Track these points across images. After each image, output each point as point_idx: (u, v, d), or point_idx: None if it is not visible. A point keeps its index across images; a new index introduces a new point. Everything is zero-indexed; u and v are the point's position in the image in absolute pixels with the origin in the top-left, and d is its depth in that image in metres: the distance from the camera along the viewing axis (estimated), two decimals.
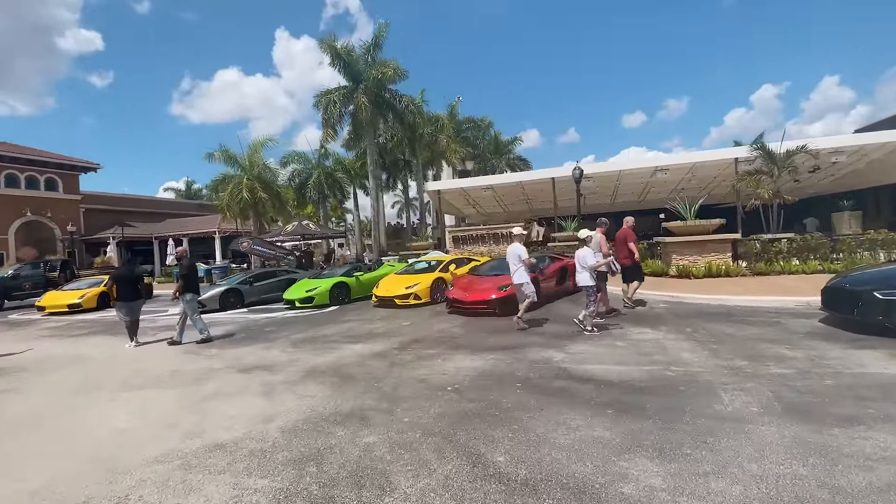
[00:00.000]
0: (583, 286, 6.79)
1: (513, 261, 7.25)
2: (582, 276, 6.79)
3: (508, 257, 7.40)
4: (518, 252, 7.20)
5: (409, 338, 7.25)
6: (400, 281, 11.22)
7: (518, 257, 7.17)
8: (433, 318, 8.93)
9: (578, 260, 6.81)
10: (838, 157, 15.51)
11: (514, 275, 7.24)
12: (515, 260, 7.20)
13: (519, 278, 7.20)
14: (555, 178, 18.94)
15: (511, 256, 7.31)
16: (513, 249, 7.30)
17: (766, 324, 6.58)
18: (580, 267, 6.78)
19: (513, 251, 7.30)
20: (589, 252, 6.83)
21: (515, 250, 7.25)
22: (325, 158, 29.29)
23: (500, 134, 37.39)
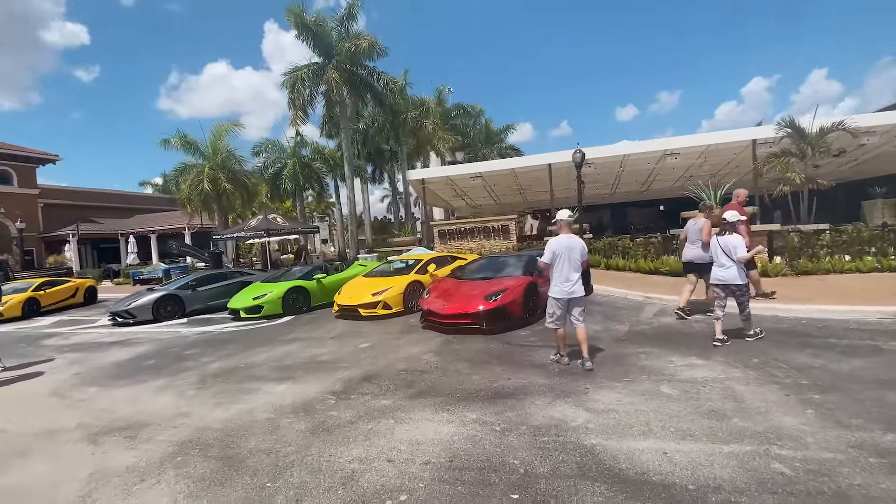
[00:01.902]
0: (731, 285, 5.22)
1: (569, 263, 4.69)
2: (729, 271, 5.21)
3: (561, 254, 4.68)
4: (576, 245, 4.73)
5: (361, 372, 5.20)
6: (367, 285, 9.14)
7: (580, 252, 4.75)
8: (402, 337, 6.87)
9: (724, 250, 5.22)
10: (870, 138, 13.63)
11: (573, 285, 4.68)
12: (570, 263, 4.72)
13: (577, 290, 4.73)
14: (552, 164, 16.92)
15: (566, 251, 4.70)
16: (570, 244, 4.73)
17: (859, 349, 4.63)
18: (726, 260, 5.22)
19: (570, 245, 4.73)
20: (739, 240, 5.19)
21: (573, 244, 4.73)
22: (301, 147, 26.91)
23: (490, 122, 35.31)
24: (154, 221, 32.66)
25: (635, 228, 22.54)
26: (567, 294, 4.66)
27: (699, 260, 6.45)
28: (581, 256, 4.69)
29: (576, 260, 4.66)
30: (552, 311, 4.81)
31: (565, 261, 4.65)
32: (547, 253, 4.76)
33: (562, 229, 4.81)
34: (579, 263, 4.70)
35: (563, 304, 4.71)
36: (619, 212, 28.66)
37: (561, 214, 4.93)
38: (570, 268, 4.66)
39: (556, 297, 4.73)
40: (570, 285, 4.65)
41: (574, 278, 4.66)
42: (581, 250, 4.70)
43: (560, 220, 4.86)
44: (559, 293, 4.70)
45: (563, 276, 4.66)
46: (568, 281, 4.65)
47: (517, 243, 17.42)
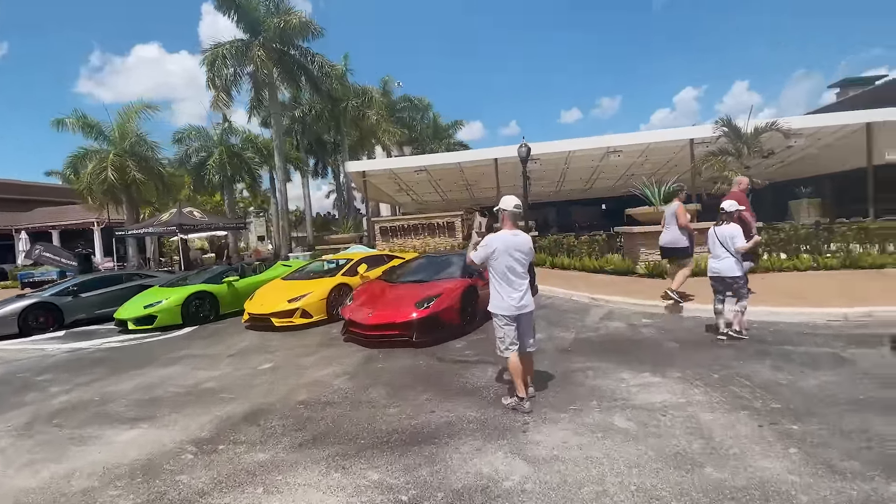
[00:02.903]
0: (725, 277, 4.95)
1: (515, 266, 3.56)
2: (723, 262, 4.96)
3: (503, 254, 3.55)
4: (523, 243, 3.65)
5: (247, 406, 4.07)
6: (284, 290, 7.90)
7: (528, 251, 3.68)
8: (316, 353, 5.77)
9: (720, 240, 4.96)
10: (797, 140, 14.19)
11: (524, 296, 3.59)
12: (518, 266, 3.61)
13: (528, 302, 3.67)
14: (498, 158, 16.32)
15: (509, 251, 3.59)
16: (515, 241, 3.62)
17: (820, 358, 4.18)
18: (721, 251, 4.96)
19: (516, 244, 3.62)
20: (737, 230, 4.93)
21: (519, 242, 3.65)
22: (229, 134, 24.52)
23: (439, 116, 34.44)
24: (56, 216, 28.79)
25: (579, 226, 22.61)
26: (517, 309, 3.48)
27: (671, 244, 6.47)
28: (528, 256, 3.57)
29: (522, 261, 3.53)
30: (504, 335, 3.52)
31: (511, 264, 3.47)
32: (481, 251, 3.53)
33: (505, 222, 3.62)
34: (527, 266, 3.60)
35: (513, 321, 3.52)
36: (565, 210, 28.89)
37: (505, 202, 3.62)
38: (518, 273, 3.51)
39: (505, 314, 3.50)
40: (519, 296, 3.48)
41: (523, 287, 3.53)
42: (528, 249, 3.58)
43: (503, 209, 3.62)
44: (507, 308, 3.47)
45: (508, 285, 3.49)
46: (517, 290, 3.49)
47: (464, 241, 16.70)
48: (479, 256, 3.61)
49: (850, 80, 28.39)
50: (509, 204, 3.64)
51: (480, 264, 3.68)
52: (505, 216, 3.65)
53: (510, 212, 3.63)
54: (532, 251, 3.66)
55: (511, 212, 3.63)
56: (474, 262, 3.66)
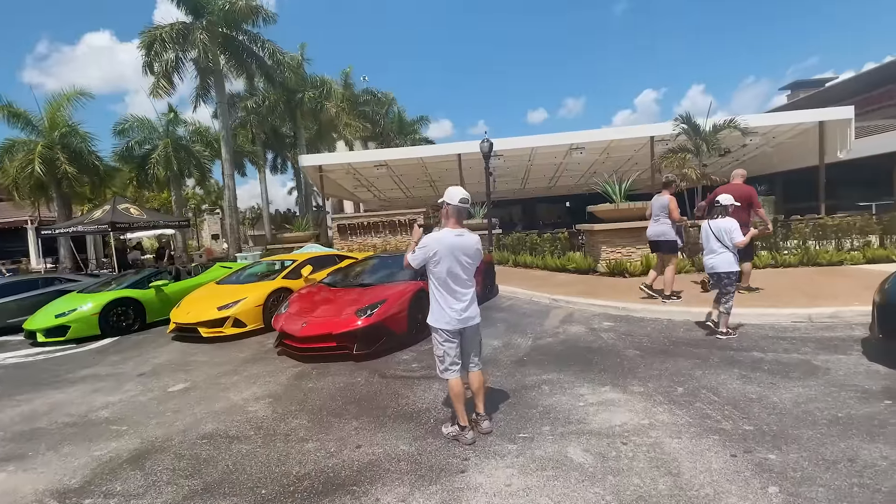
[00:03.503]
0: (720, 272, 4.75)
1: (458, 272, 2.99)
2: (719, 258, 4.77)
3: (445, 258, 2.95)
4: (469, 244, 3.04)
5: (137, 442, 3.35)
6: (216, 296, 7.07)
7: (474, 253, 3.07)
8: (241, 370, 5.05)
9: (715, 234, 4.79)
10: (753, 138, 14.42)
11: (468, 306, 3.04)
12: (461, 272, 3.02)
13: (473, 314, 3.10)
14: (461, 154, 15.81)
15: (452, 253, 2.98)
16: (460, 243, 3.02)
17: (790, 366, 3.87)
18: (716, 245, 4.78)
19: (461, 245, 3.02)
20: (734, 224, 4.77)
21: (465, 243, 3.04)
22: (175, 125, 22.85)
23: (404, 111, 33.68)
24: None
25: (543, 224, 22.53)
26: (460, 322, 2.94)
27: (658, 237, 6.39)
28: (475, 259, 3.01)
29: (468, 267, 2.97)
30: (444, 353, 2.98)
31: (454, 269, 2.91)
32: (419, 252, 2.94)
33: (447, 219, 2.99)
34: (473, 271, 3.04)
35: (456, 337, 2.99)
36: (530, 207, 28.84)
37: (449, 195, 2.99)
38: (461, 280, 2.95)
39: (447, 329, 2.95)
40: (463, 306, 2.94)
41: (468, 296, 2.98)
42: (476, 252, 3.01)
43: (447, 203, 2.98)
44: (448, 322, 2.93)
45: (450, 294, 2.93)
46: (460, 300, 2.94)
47: None
48: (416, 259, 2.98)
49: (801, 83, 29.70)
50: (454, 197, 2.97)
51: (418, 268, 3.06)
52: (448, 211, 3.00)
53: (454, 206, 2.97)
54: (479, 253, 3.05)
55: (455, 207, 2.97)
56: (411, 265, 3.05)
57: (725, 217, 4.86)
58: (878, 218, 8.89)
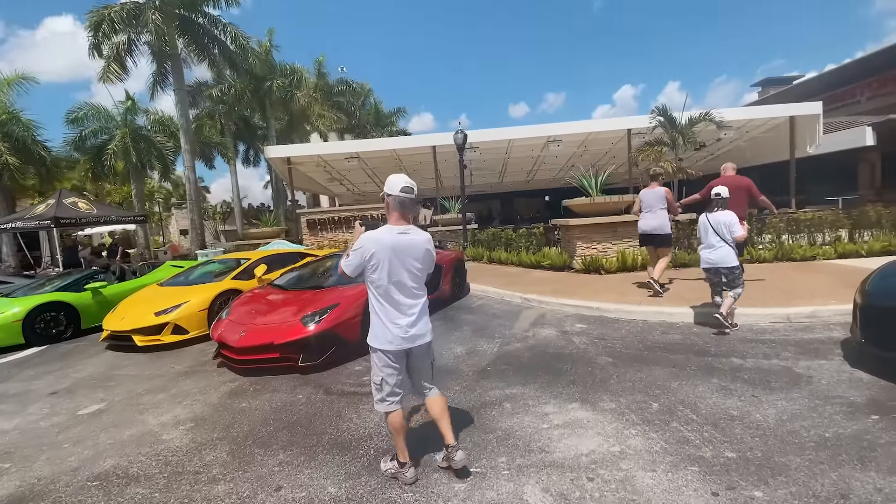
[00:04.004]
0: (721, 268, 4.68)
1: (404, 279, 2.42)
2: (719, 252, 4.66)
3: (384, 261, 2.38)
4: (417, 245, 2.47)
5: (16, 486, 2.77)
6: (156, 299, 6.42)
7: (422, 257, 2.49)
8: (171, 385, 4.48)
9: (714, 228, 4.67)
10: (727, 132, 14.39)
11: (416, 321, 2.45)
12: (408, 279, 2.45)
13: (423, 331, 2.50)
14: (436, 146, 15.28)
15: (394, 257, 2.41)
16: (406, 243, 2.44)
17: (772, 374, 3.55)
18: (715, 240, 4.67)
19: (408, 246, 2.44)
20: (733, 217, 4.66)
21: (412, 243, 2.46)
22: (134, 114, 21.54)
23: (380, 102, 32.90)
24: None
25: (521, 218, 22.26)
26: (406, 340, 2.37)
27: (656, 230, 6.22)
28: (425, 265, 2.44)
29: (416, 273, 2.40)
30: (382, 380, 2.42)
31: (398, 275, 2.35)
32: (353, 257, 2.36)
33: (390, 214, 2.44)
34: (423, 279, 2.47)
35: (400, 360, 2.44)
36: (508, 201, 28.57)
37: (390, 184, 2.42)
38: (408, 289, 2.39)
39: (386, 350, 2.38)
40: (409, 321, 2.38)
41: (416, 308, 2.41)
42: (426, 255, 2.43)
43: (387, 194, 2.43)
44: (391, 341, 2.36)
45: (394, 307, 2.37)
46: (406, 314, 2.38)
47: None
48: (350, 265, 2.37)
49: (771, 80, 30.19)
50: (394, 186, 2.38)
51: (354, 275, 2.42)
52: (389, 204, 2.41)
53: (396, 198, 2.37)
54: (430, 256, 2.48)
55: (397, 198, 2.36)
56: (345, 272, 2.40)
57: (724, 210, 4.70)
58: (847, 213, 8.82)
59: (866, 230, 8.64)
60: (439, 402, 2.55)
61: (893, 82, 18.63)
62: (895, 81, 18.62)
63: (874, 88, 19.53)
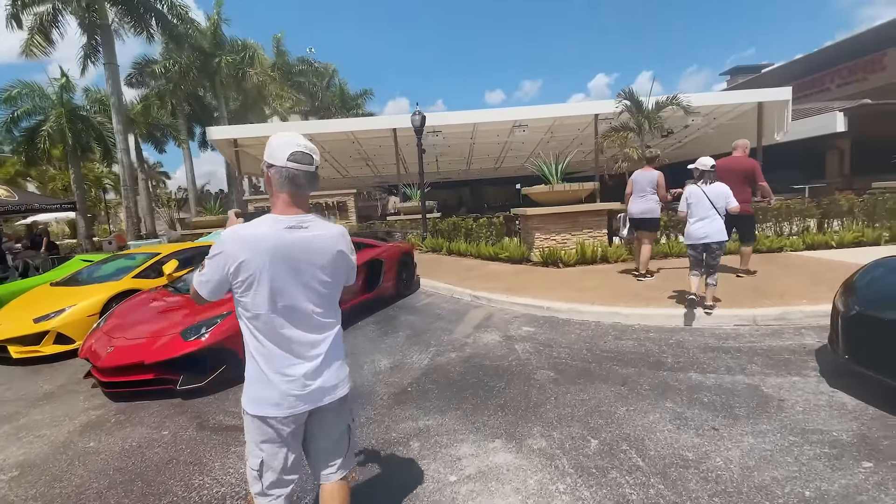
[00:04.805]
0: (712, 242, 4.43)
1: (298, 302, 1.48)
2: (715, 224, 4.45)
3: (262, 273, 1.41)
4: (326, 249, 1.52)
5: None
6: (42, 302, 5.45)
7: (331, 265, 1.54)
8: (21, 413, 3.60)
9: (711, 199, 4.48)
10: (695, 118, 14.00)
11: (317, 366, 1.51)
12: (305, 301, 1.50)
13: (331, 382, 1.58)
14: (396, 128, 14.37)
15: (276, 267, 1.44)
16: (297, 246, 1.46)
17: (736, 395, 2.98)
18: (710, 212, 4.46)
19: (302, 250, 1.48)
20: (728, 189, 4.57)
21: (307, 246, 1.48)
22: (71, 93, 19.60)
23: (346, 83, 31.46)
24: None
25: (490, 206, 21.62)
26: (303, 400, 1.48)
27: (645, 214, 6.10)
28: (338, 275, 1.56)
29: (322, 290, 1.51)
30: (260, 464, 1.51)
31: (287, 295, 1.44)
32: (209, 270, 1.43)
33: (276, 197, 1.49)
34: (333, 297, 1.58)
35: (294, 429, 1.52)
36: (478, 189, 27.88)
37: (274, 148, 1.47)
38: (304, 316, 1.48)
39: (270, 418, 1.46)
40: (310, 369, 1.48)
41: (320, 347, 1.51)
42: (335, 259, 1.52)
43: (270, 164, 1.47)
44: (277, 403, 1.45)
45: (282, 346, 1.46)
46: (302, 358, 1.48)
47: (358, 224, 14.72)
48: (204, 282, 1.44)
49: (740, 69, 30.28)
50: (280, 153, 1.44)
51: (213, 297, 1.47)
52: (272, 179, 1.46)
53: (282, 171, 1.44)
54: (347, 262, 1.59)
55: (284, 171, 1.43)
56: (199, 294, 1.48)
57: (716, 181, 4.59)
58: (817, 202, 8.48)
59: (836, 219, 8.33)
60: (339, 496, 1.64)
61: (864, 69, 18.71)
62: (866, 68, 18.71)
63: (844, 76, 19.61)
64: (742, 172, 5.85)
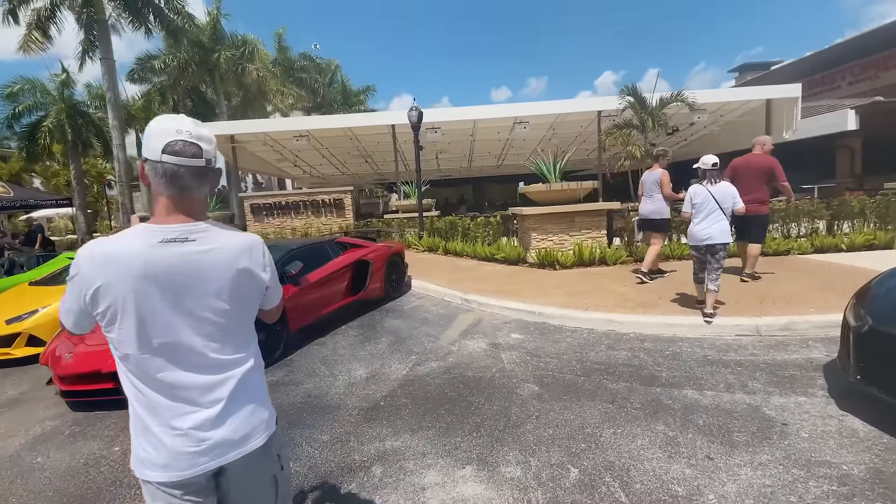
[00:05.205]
0: (717, 244, 4.22)
1: (190, 338, 1.13)
2: (721, 225, 4.25)
3: (146, 305, 1.09)
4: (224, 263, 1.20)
5: None
6: (16, 302, 5.28)
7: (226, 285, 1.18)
8: None
9: (718, 200, 4.28)
10: (701, 116, 13.62)
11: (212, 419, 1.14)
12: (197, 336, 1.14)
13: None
14: (395, 124, 14.11)
15: (161, 293, 1.10)
16: (190, 265, 1.12)
17: (741, 429, 2.72)
18: (717, 213, 4.27)
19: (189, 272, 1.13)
20: (735, 189, 4.38)
21: (214, 261, 1.16)
22: (69, 87, 19.56)
23: (348, 80, 31.18)
24: None
25: (491, 205, 21.32)
26: (196, 460, 1.11)
27: (653, 215, 6.01)
28: (241, 301, 1.18)
29: (212, 318, 1.13)
30: None
31: (164, 329, 1.08)
32: (68, 296, 1.09)
33: (155, 200, 1.14)
34: (233, 329, 1.18)
35: (187, 492, 1.14)
36: (480, 187, 27.57)
37: (152, 136, 1.10)
38: (195, 355, 1.12)
39: (161, 484, 1.12)
40: (203, 419, 1.12)
41: (219, 391, 1.14)
42: (234, 280, 1.15)
43: (146, 160, 1.10)
44: (166, 464, 1.10)
45: (166, 394, 1.10)
46: (195, 406, 1.11)
47: (356, 222, 14.49)
48: (66, 314, 1.13)
49: (749, 66, 29.69)
50: (156, 142, 1.08)
51: (79, 330, 1.17)
52: (147, 178, 1.12)
53: (158, 167, 1.09)
54: (251, 283, 1.20)
55: (161, 167, 1.09)
56: (65, 326, 1.16)
57: (722, 181, 4.42)
58: (826, 202, 8.13)
59: (847, 221, 7.98)
60: None
61: (876, 66, 18.17)
62: (878, 65, 18.17)
63: (856, 73, 19.08)
64: (760, 171, 5.58)
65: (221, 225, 1.19)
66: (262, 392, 1.27)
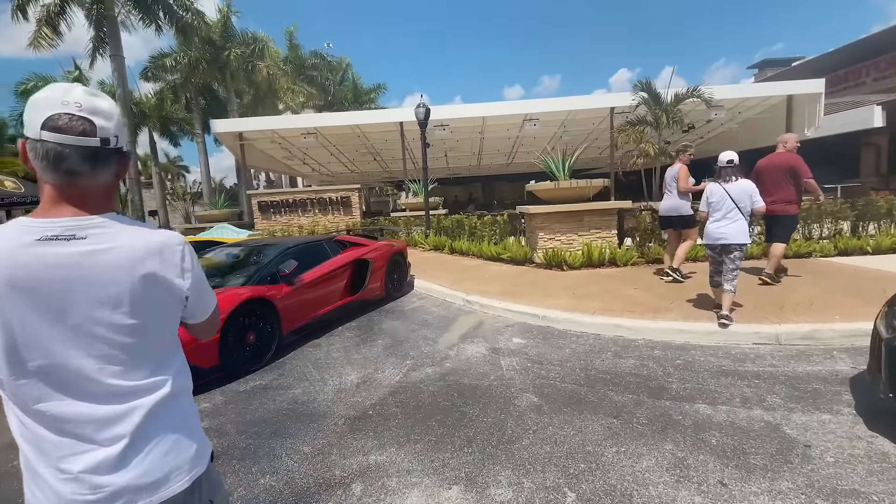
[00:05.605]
0: (732, 244, 4.05)
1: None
2: (737, 225, 4.08)
3: None
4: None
5: None
6: None
7: None
8: None
9: (734, 199, 4.09)
10: (718, 113, 13.19)
11: None
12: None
13: None
14: (403, 122, 13.97)
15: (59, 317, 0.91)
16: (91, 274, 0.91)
17: (758, 454, 2.48)
18: (734, 212, 4.09)
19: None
20: (754, 187, 4.18)
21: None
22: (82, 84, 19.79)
23: (359, 78, 31.10)
24: None
25: (500, 203, 21.04)
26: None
27: (672, 212, 5.82)
28: (147, 313, 0.93)
29: (109, 336, 0.90)
30: None
31: (42, 352, 0.87)
32: None
33: (40, 189, 0.92)
34: (141, 348, 0.94)
35: None
36: (489, 186, 27.30)
37: (34, 108, 0.87)
38: (88, 382, 0.89)
39: None
40: (99, 461, 0.89)
41: (121, 426, 0.91)
42: (136, 289, 0.91)
43: (27, 138, 0.88)
44: None
45: (51, 428, 0.88)
46: (87, 444, 0.89)
47: (363, 220, 14.38)
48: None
49: (769, 62, 28.85)
50: (36, 116, 0.86)
51: None
52: (29, 161, 0.89)
53: (40, 147, 0.86)
54: (164, 291, 0.96)
55: (43, 147, 0.86)
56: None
57: (740, 178, 4.21)
58: (851, 202, 7.73)
59: (872, 222, 7.57)
60: None
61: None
62: None
63: (882, 69, 18.34)
64: (782, 169, 5.31)
65: (129, 220, 0.96)
66: (187, 423, 1.03)
